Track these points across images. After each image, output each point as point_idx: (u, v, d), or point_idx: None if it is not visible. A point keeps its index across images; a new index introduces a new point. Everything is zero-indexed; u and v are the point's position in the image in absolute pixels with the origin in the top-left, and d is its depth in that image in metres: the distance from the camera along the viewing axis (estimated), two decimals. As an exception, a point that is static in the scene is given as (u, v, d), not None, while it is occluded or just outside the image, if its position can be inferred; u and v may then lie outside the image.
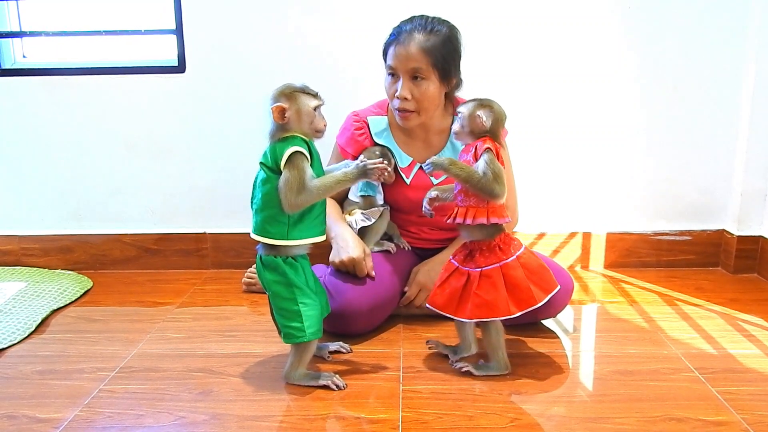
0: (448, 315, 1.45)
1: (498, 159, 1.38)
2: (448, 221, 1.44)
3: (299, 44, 2.10)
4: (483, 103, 1.41)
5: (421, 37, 1.60)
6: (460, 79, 1.70)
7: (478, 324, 1.45)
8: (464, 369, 1.46)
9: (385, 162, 1.41)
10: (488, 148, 1.37)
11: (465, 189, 1.40)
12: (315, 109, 1.39)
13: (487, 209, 1.39)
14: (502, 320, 1.43)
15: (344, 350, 1.58)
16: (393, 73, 1.65)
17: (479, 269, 1.41)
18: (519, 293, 1.39)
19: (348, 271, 1.65)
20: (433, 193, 1.49)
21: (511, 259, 1.40)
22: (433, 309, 1.47)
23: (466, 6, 2.06)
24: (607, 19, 2.08)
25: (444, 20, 1.66)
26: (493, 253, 1.41)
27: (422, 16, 1.65)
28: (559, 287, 1.43)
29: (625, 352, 1.58)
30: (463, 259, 1.45)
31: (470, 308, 1.41)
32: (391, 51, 1.63)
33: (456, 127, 1.44)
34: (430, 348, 1.58)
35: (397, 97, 1.64)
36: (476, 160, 1.38)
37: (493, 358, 1.46)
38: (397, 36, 1.63)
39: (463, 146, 1.46)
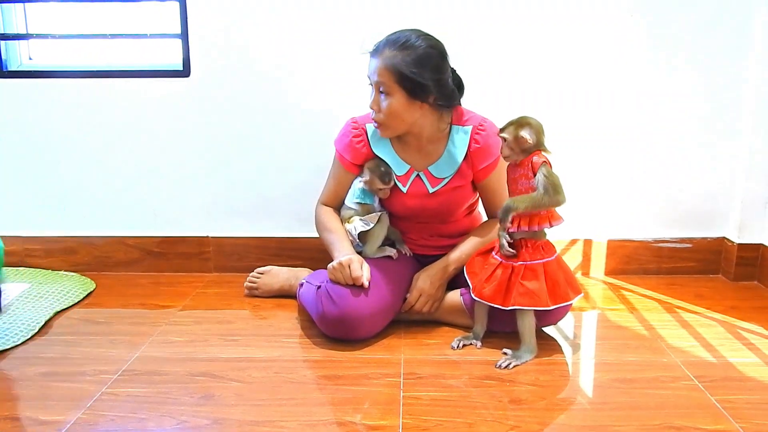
0: (495, 305, 1.57)
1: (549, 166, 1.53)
2: (512, 230, 1.54)
3: (305, 48, 2.11)
4: (521, 123, 1.52)
5: (388, 53, 1.61)
6: (449, 94, 1.69)
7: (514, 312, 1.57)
8: (513, 365, 1.53)
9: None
10: (544, 162, 1.51)
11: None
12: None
13: (547, 215, 1.54)
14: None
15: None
16: (371, 84, 1.68)
17: (524, 263, 1.55)
18: (556, 289, 1.55)
19: (340, 282, 1.64)
20: (505, 240, 1.56)
21: (553, 258, 1.57)
22: (481, 300, 1.60)
23: (466, 11, 2.07)
24: (608, 27, 2.08)
25: (427, 36, 1.64)
26: (537, 251, 1.56)
27: (405, 31, 1.64)
28: (582, 293, 1.59)
29: (624, 360, 1.58)
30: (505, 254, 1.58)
31: (514, 296, 1.54)
32: (368, 62, 1.67)
33: (506, 152, 1.54)
34: (457, 348, 1.64)
35: (370, 107, 1.69)
36: (534, 172, 1.51)
37: (524, 343, 1.57)
38: (374, 48, 1.65)
39: (509, 163, 1.58)
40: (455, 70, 1.74)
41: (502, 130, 1.55)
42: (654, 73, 2.11)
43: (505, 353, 1.58)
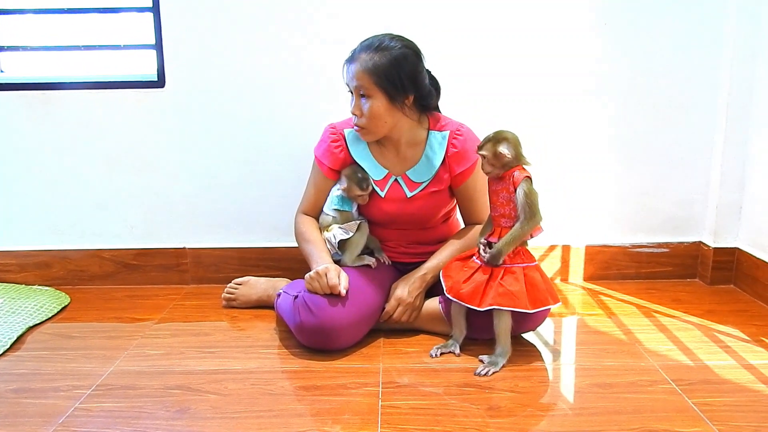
0: (471, 306, 1.57)
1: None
2: (492, 240, 1.58)
3: (282, 58, 2.11)
4: (498, 138, 1.55)
5: (365, 57, 1.64)
6: (426, 94, 1.72)
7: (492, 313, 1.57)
8: (491, 372, 1.53)
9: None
10: (526, 177, 1.55)
11: (506, 212, 1.57)
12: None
13: None
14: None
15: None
16: (350, 91, 1.70)
17: (504, 265, 1.57)
18: (536, 293, 1.56)
19: (317, 291, 1.63)
20: (483, 240, 1.61)
21: (533, 264, 1.59)
22: (458, 301, 1.59)
23: (445, 19, 2.08)
24: (583, 35, 2.10)
25: (401, 38, 1.68)
26: (517, 256, 1.58)
27: (378, 35, 1.68)
28: (560, 302, 1.61)
29: (603, 365, 1.58)
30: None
31: (492, 296, 1.54)
32: (344, 69, 1.69)
33: (487, 168, 1.58)
34: (435, 356, 1.63)
35: (351, 113, 1.70)
36: (515, 187, 1.54)
37: (500, 344, 1.57)
38: (350, 55, 1.68)
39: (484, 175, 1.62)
40: (431, 72, 1.75)
41: (480, 147, 1.57)
42: (630, 80, 2.13)
43: (482, 360, 1.58)
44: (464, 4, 2.07)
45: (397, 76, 1.63)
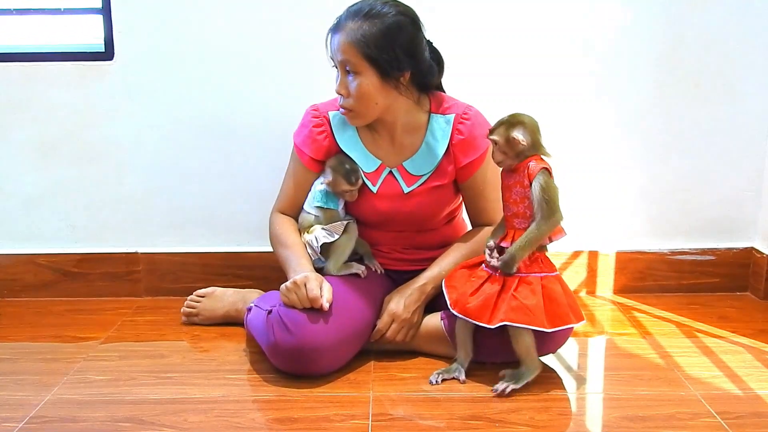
0: (480, 324, 1.57)
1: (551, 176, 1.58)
2: (504, 244, 1.58)
3: (257, 26, 2.11)
4: (512, 122, 1.56)
5: (352, 26, 1.63)
6: (426, 70, 1.72)
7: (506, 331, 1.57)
8: (509, 390, 1.55)
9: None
10: (543, 168, 1.55)
11: (520, 211, 1.58)
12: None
13: None
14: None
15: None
16: (335, 65, 1.70)
17: (519, 274, 1.57)
18: (556, 309, 1.56)
19: (295, 305, 1.63)
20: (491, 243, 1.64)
21: (554, 274, 1.60)
22: (465, 317, 1.60)
23: (470, 13, 2.10)
24: (623, 23, 2.12)
25: (395, 3, 1.67)
26: (535, 264, 1.58)
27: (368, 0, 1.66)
28: (585, 320, 1.62)
29: (636, 394, 1.59)
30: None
31: (504, 311, 1.54)
32: (327, 40, 1.69)
33: (498, 157, 1.59)
34: (436, 383, 1.64)
35: (336, 92, 1.71)
36: (530, 180, 1.55)
37: (524, 363, 1.57)
38: (335, 23, 1.68)
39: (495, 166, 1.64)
40: (432, 43, 1.76)
41: (491, 131, 1.58)
42: (668, 60, 2.14)
43: (503, 376, 1.59)
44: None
45: (391, 48, 1.63)
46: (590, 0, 2.11)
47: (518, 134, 1.54)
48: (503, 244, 1.60)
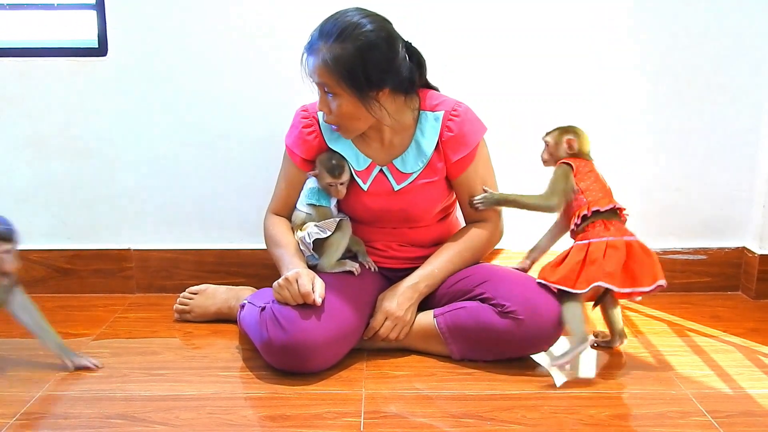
0: (565, 288, 1.64)
1: (575, 176, 1.73)
2: (576, 221, 1.70)
3: (250, 24, 2.11)
4: (567, 129, 1.78)
5: (323, 48, 1.61)
6: (406, 79, 1.70)
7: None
8: (564, 362, 1.64)
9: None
10: (564, 162, 1.74)
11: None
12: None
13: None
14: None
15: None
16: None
17: (604, 239, 1.66)
18: (648, 268, 1.67)
19: (288, 302, 1.63)
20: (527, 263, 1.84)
21: (633, 239, 1.70)
22: (548, 283, 1.68)
23: (463, 12, 2.09)
24: (615, 24, 2.12)
25: (368, 16, 1.63)
26: (619, 230, 1.70)
27: (340, 15, 1.63)
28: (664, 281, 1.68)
29: (627, 393, 1.60)
30: (576, 236, 1.73)
31: (586, 274, 1.63)
32: (303, 59, 1.68)
33: (545, 156, 1.81)
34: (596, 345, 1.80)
35: (318, 110, 1.73)
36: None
37: (572, 333, 1.64)
38: (309, 42, 1.66)
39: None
40: (410, 44, 1.74)
41: (547, 134, 1.79)
42: (660, 56, 2.15)
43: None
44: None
45: (364, 70, 1.61)
46: (588, 0, 2.11)
47: (570, 137, 1.75)
48: (576, 221, 1.72)
